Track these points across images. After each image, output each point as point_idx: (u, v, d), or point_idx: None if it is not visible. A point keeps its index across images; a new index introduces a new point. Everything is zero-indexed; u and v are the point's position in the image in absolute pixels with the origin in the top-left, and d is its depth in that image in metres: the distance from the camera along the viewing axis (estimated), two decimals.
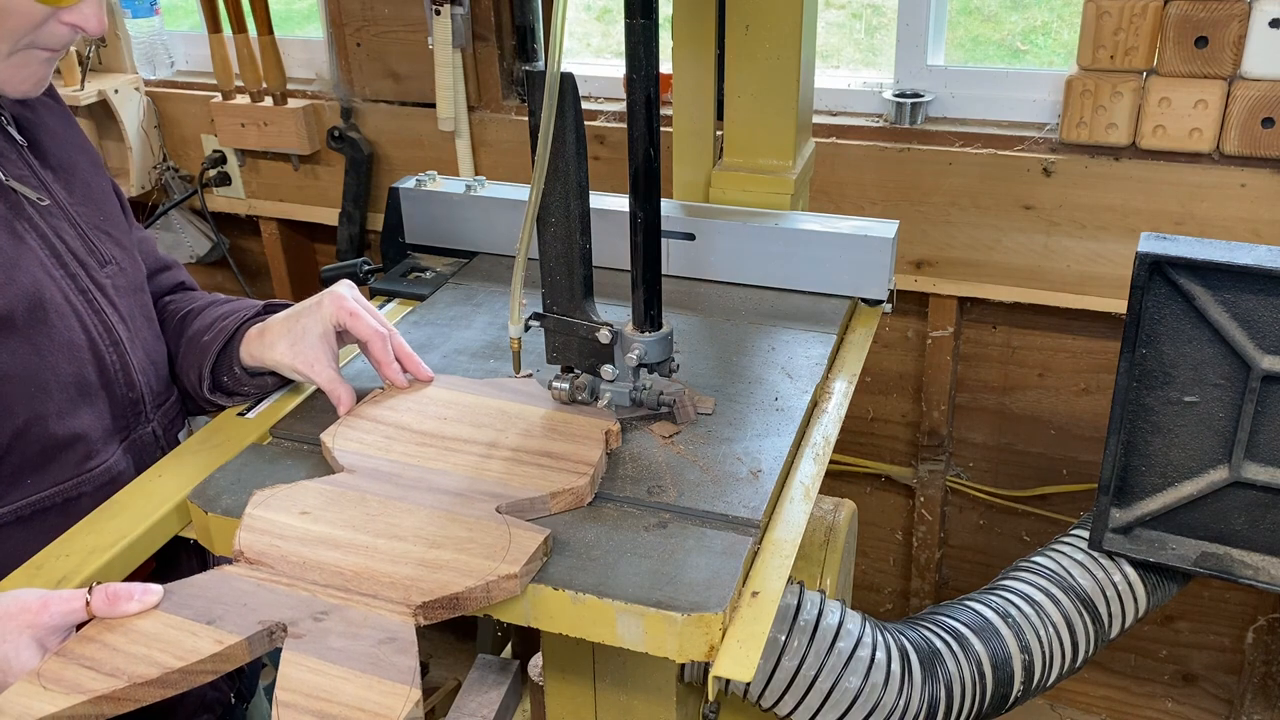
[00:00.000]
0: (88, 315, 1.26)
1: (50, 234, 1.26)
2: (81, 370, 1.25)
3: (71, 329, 1.24)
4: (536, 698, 1.48)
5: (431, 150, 2.64)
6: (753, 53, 1.63)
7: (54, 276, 1.24)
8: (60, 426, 1.22)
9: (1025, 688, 1.47)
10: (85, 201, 1.33)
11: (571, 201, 1.15)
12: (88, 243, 1.30)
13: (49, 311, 1.21)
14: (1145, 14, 1.94)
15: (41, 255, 1.23)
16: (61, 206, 1.29)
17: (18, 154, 1.27)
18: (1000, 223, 2.22)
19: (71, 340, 1.23)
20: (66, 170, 1.33)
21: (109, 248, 1.33)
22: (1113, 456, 1.47)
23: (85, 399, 1.25)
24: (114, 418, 1.30)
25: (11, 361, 1.16)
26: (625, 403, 1.24)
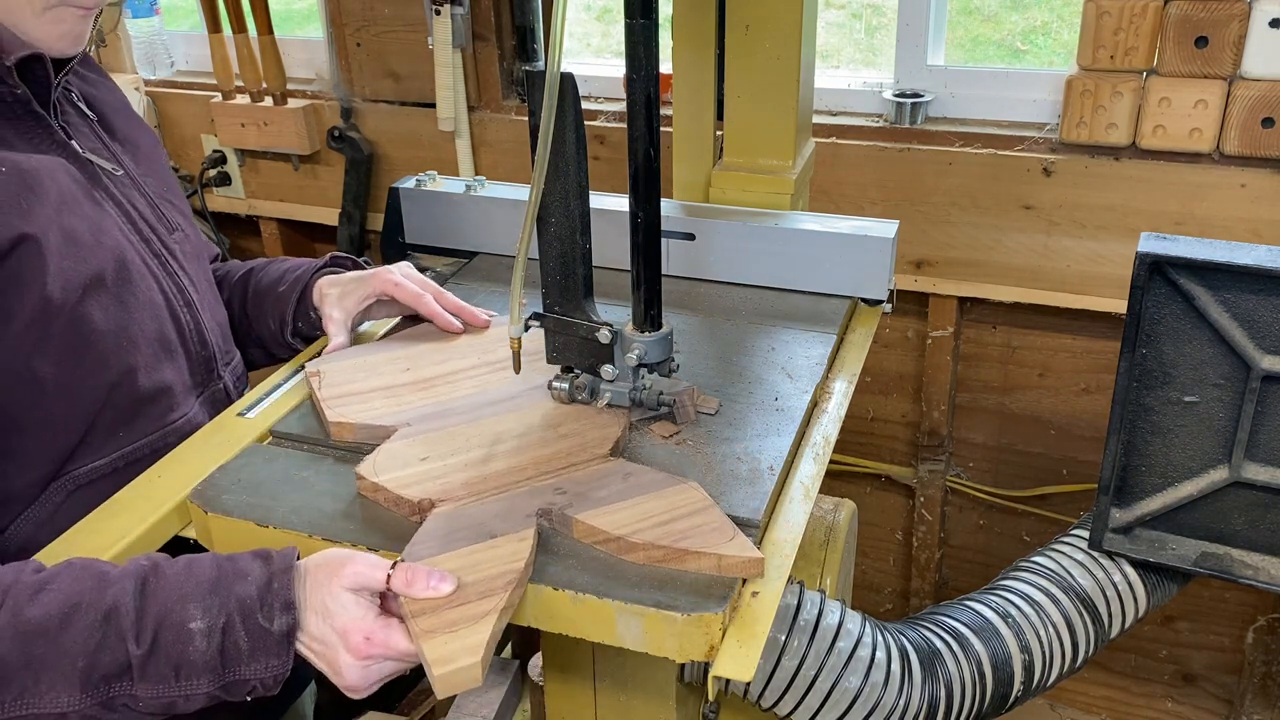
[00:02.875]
0: (163, 277, 1.34)
1: (125, 202, 1.33)
2: (162, 328, 1.31)
3: (151, 289, 1.30)
4: (536, 698, 1.48)
5: (431, 150, 2.64)
6: (753, 53, 1.63)
7: (131, 241, 1.30)
8: (148, 380, 1.28)
9: (1025, 688, 1.47)
10: (150, 173, 1.42)
11: (571, 201, 1.15)
12: (156, 210, 1.38)
13: (131, 272, 1.27)
14: (1145, 14, 1.94)
15: (119, 221, 1.30)
16: (132, 177, 1.37)
17: (89, 128, 1.35)
18: (1000, 223, 2.22)
19: (152, 299, 1.30)
20: (132, 144, 1.42)
21: (175, 215, 1.42)
22: (1113, 456, 1.47)
23: (167, 354, 1.32)
24: (191, 373, 1.36)
25: (105, 318, 1.22)
26: (625, 403, 1.24)
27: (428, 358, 1.37)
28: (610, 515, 1.07)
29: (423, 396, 1.30)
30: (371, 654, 0.97)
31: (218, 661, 0.96)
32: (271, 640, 0.97)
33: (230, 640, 0.96)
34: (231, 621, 0.96)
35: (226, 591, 0.97)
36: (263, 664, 0.97)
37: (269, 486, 1.17)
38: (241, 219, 2.97)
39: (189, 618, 0.96)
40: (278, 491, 1.16)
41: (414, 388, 1.32)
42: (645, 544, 1.03)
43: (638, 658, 1.06)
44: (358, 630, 0.97)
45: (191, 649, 0.95)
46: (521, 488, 1.13)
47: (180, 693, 0.96)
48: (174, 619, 0.96)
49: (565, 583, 1.00)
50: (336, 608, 0.98)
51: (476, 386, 1.32)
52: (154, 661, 0.95)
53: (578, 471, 1.16)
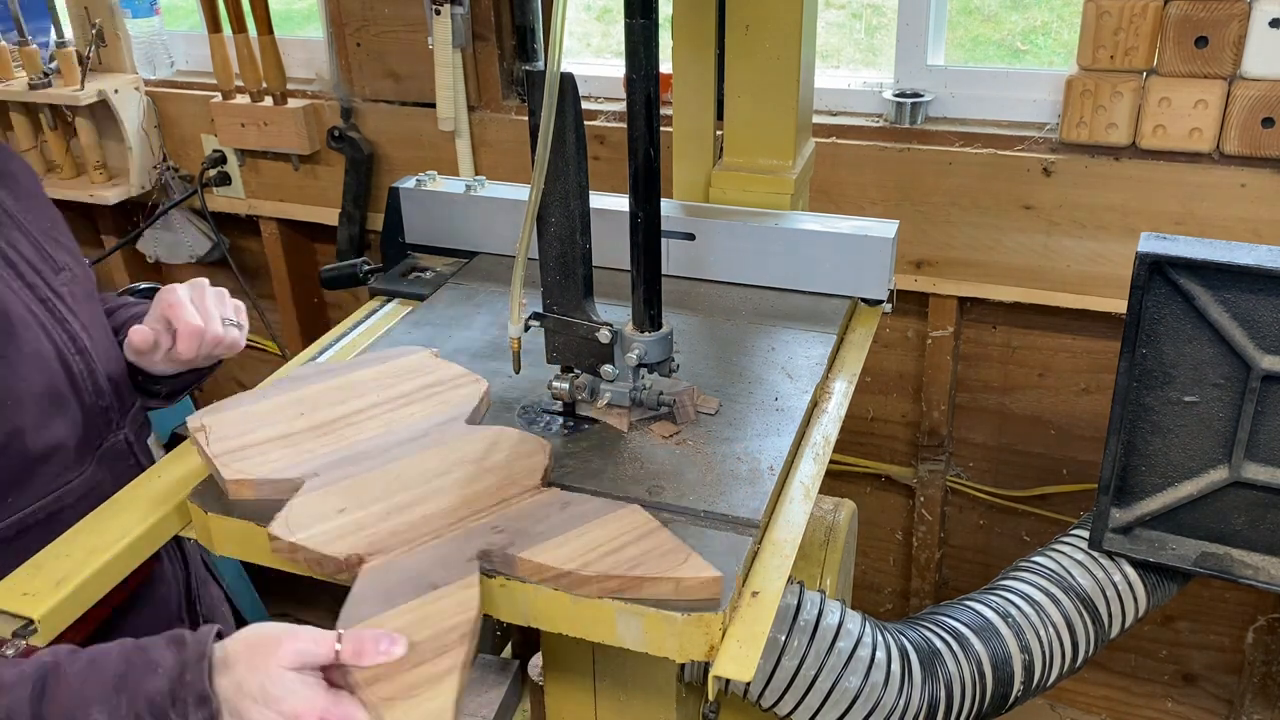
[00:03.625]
0: (51, 324, 1.24)
1: (4, 244, 1.23)
2: (52, 380, 1.22)
3: (38, 339, 1.21)
4: (536, 698, 1.48)
5: (431, 150, 2.63)
6: (753, 53, 1.63)
7: (13, 288, 1.21)
8: (37, 440, 1.20)
9: (1025, 688, 1.47)
10: (32, 209, 1.31)
11: (571, 201, 1.15)
12: (40, 250, 1.28)
13: (14, 323, 1.18)
14: (1145, 14, 1.94)
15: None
16: (11, 215, 1.26)
17: None
18: (1000, 223, 2.22)
19: (39, 350, 1.21)
20: (10, 176, 1.31)
21: (60, 254, 1.31)
22: (1113, 456, 1.47)
23: (58, 409, 1.23)
24: (86, 427, 1.27)
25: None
26: (625, 403, 1.24)
27: (322, 400, 1.27)
28: (556, 550, 1.03)
29: (325, 443, 1.20)
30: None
31: None
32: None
33: None
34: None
35: (134, 689, 0.88)
36: None
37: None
38: (241, 219, 2.97)
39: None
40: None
41: (313, 434, 1.21)
42: (599, 575, 1.00)
43: (638, 658, 1.06)
44: (310, 712, 0.88)
45: None
46: (455, 530, 1.07)
47: None
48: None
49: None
50: (281, 691, 0.88)
51: (381, 426, 1.23)
52: None
53: (511, 506, 1.10)
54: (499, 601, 1.03)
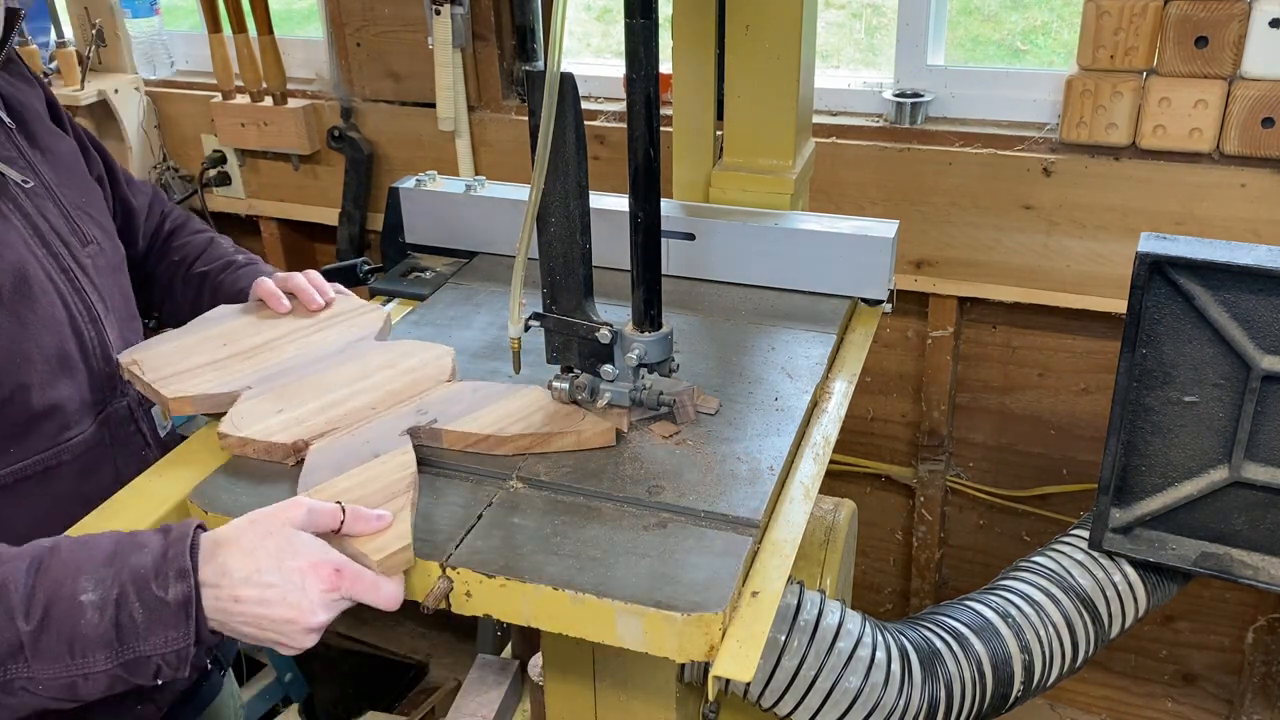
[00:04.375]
0: (68, 292, 1.31)
1: (34, 213, 1.30)
2: (62, 344, 1.29)
3: (53, 304, 1.28)
4: (536, 698, 1.48)
5: (431, 150, 2.64)
6: (753, 53, 1.63)
7: (37, 255, 1.28)
8: (41, 397, 1.26)
9: (1025, 688, 1.47)
10: (69, 183, 1.39)
11: (571, 201, 1.15)
12: (71, 223, 1.35)
13: (32, 287, 1.25)
14: (1145, 14, 1.94)
15: (25, 234, 1.28)
16: (48, 187, 1.34)
17: (6, 136, 1.32)
18: (1000, 223, 2.22)
19: (53, 315, 1.28)
20: (52, 152, 1.39)
21: (91, 229, 1.39)
22: (1113, 456, 1.47)
23: (65, 371, 1.29)
24: (91, 390, 1.34)
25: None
26: (625, 403, 1.24)
27: (241, 333, 1.42)
28: (475, 421, 1.21)
29: (251, 364, 1.35)
30: (340, 585, 0.97)
31: (113, 635, 0.93)
32: (168, 611, 0.94)
33: (125, 613, 0.93)
34: (125, 593, 0.94)
35: (121, 563, 0.95)
36: (161, 637, 0.94)
37: (269, 486, 1.17)
38: (241, 219, 2.97)
39: (80, 590, 0.93)
40: (277, 491, 1.16)
41: (239, 359, 1.36)
42: (514, 436, 1.19)
43: (638, 658, 1.06)
44: (326, 563, 0.97)
45: (84, 622, 0.92)
46: (384, 416, 1.24)
47: (78, 670, 0.93)
48: (65, 592, 0.93)
49: (565, 583, 1.00)
50: (298, 545, 0.97)
51: (299, 349, 1.39)
52: (45, 637, 0.92)
53: (429, 395, 1.28)
54: (499, 601, 1.03)
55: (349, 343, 1.40)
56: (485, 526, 1.09)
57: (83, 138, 1.49)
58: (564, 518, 1.10)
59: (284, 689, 2.71)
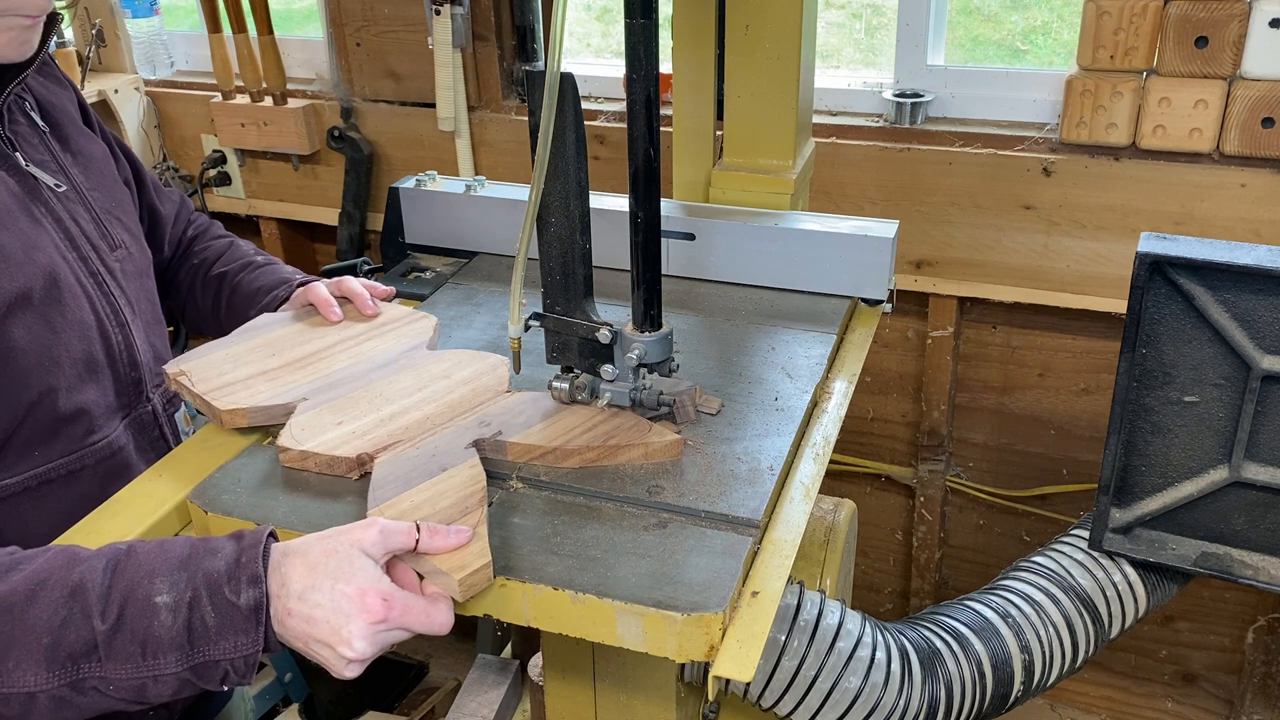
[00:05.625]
0: (97, 296, 1.32)
1: (65, 218, 1.31)
2: (90, 348, 1.30)
3: (82, 308, 1.29)
4: (536, 698, 1.48)
5: (431, 150, 2.64)
6: (753, 53, 1.63)
7: (67, 259, 1.29)
8: (68, 401, 1.26)
9: (1025, 688, 1.47)
10: (100, 187, 1.40)
11: (571, 201, 1.15)
12: (101, 227, 1.36)
13: (63, 291, 1.26)
14: (1145, 14, 1.94)
15: (56, 238, 1.28)
16: (79, 191, 1.35)
17: (40, 139, 1.33)
18: (1000, 223, 2.22)
19: (82, 319, 1.29)
20: (84, 156, 1.39)
21: (120, 233, 1.39)
22: (1113, 456, 1.47)
23: (92, 375, 1.30)
24: (117, 394, 1.34)
25: (29, 336, 1.21)
26: (625, 403, 1.23)
27: (287, 342, 1.39)
28: (539, 433, 1.19)
29: (303, 375, 1.32)
30: (389, 616, 0.95)
31: (184, 638, 0.93)
32: (239, 615, 0.94)
33: (197, 616, 0.94)
34: (198, 596, 0.94)
35: (195, 567, 0.96)
36: (231, 642, 0.94)
37: (269, 486, 1.17)
38: (241, 219, 2.97)
39: (155, 592, 0.94)
40: (277, 491, 1.16)
41: (290, 368, 1.33)
42: (579, 448, 1.16)
43: (638, 658, 1.06)
44: (375, 591, 0.95)
45: (157, 624, 0.93)
46: (446, 428, 1.21)
47: (149, 672, 0.93)
48: (140, 594, 0.94)
49: (565, 583, 1.00)
50: (353, 570, 0.95)
51: (352, 358, 1.36)
52: (120, 638, 0.93)
53: (490, 407, 1.25)
54: (499, 601, 1.03)
55: (401, 352, 1.37)
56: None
57: (111, 141, 1.50)
58: (564, 518, 1.10)
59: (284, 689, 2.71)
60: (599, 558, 1.04)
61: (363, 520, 1.01)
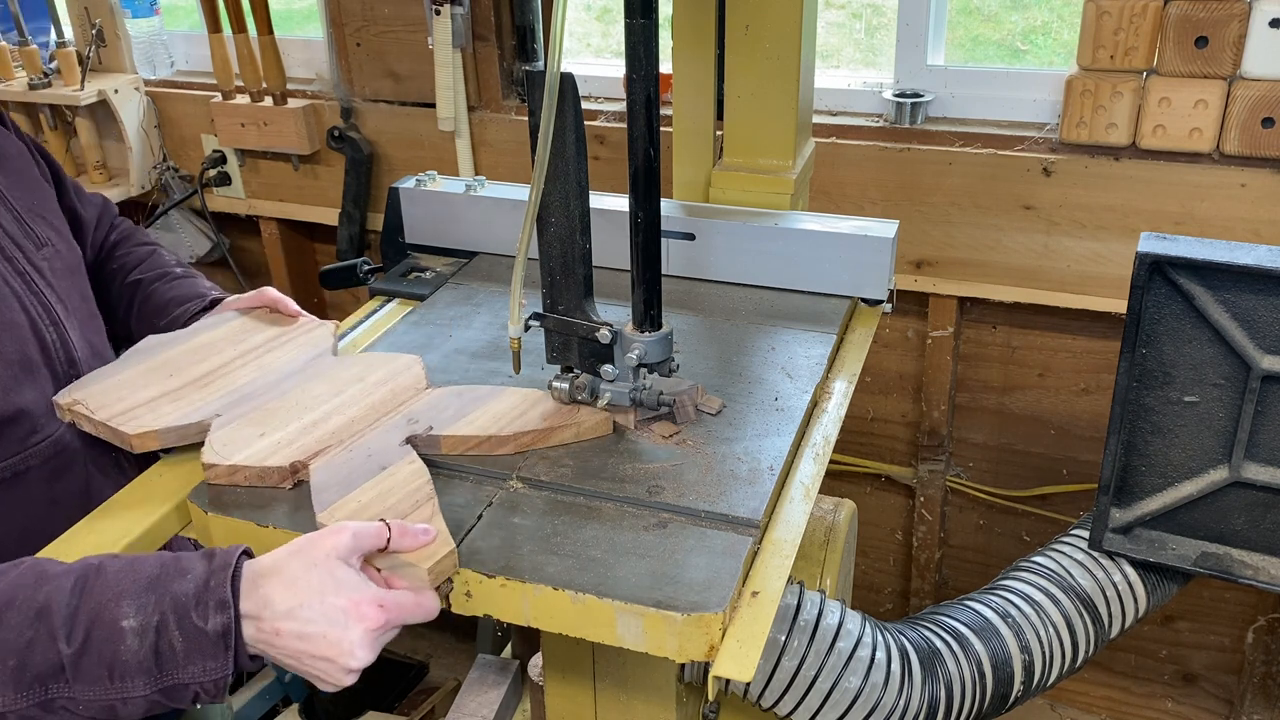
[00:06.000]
0: (26, 296, 1.31)
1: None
2: (24, 348, 1.29)
3: (12, 310, 1.28)
4: (536, 698, 1.48)
5: (431, 150, 2.63)
6: (753, 53, 1.63)
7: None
8: (6, 403, 1.25)
9: (1025, 687, 1.47)
10: (20, 185, 1.38)
11: (571, 201, 1.15)
12: (24, 226, 1.35)
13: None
14: (1145, 14, 1.94)
15: None
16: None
17: None
18: (1000, 223, 2.22)
19: (13, 320, 1.28)
20: (3, 157, 1.38)
21: (45, 230, 1.38)
22: (1113, 456, 1.47)
23: (28, 375, 1.29)
24: (56, 392, 1.33)
25: None
26: (625, 403, 1.24)
27: (182, 361, 1.35)
28: (471, 424, 1.20)
29: (209, 392, 1.29)
30: (388, 620, 0.95)
31: (152, 663, 0.92)
32: (206, 641, 0.93)
33: (164, 640, 0.93)
34: (165, 620, 0.93)
35: (163, 590, 0.94)
36: (199, 666, 0.93)
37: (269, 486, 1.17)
38: (241, 219, 2.97)
39: (121, 616, 0.93)
40: (277, 491, 1.16)
41: (193, 387, 1.30)
42: (514, 434, 1.19)
43: (638, 658, 1.06)
44: (368, 600, 0.95)
45: (123, 648, 0.92)
46: (374, 429, 1.21)
47: (117, 695, 0.93)
48: (106, 617, 0.93)
49: (565, 583, 1.00)
50: (341, 580, 0.95)
51: (255, 371, 1.34)
52: (86, 661, 0.92)
53: (413, 404, 1.25)
54: (499, 601, 1.03)
55: (306, 360, 1.36)
56: (485, 526, 1.09)
57: (28, 142, 1.48)
58: (564, 518, 1.10)
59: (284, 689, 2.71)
60: (599, 558, 1.04)
61: (332, 527, 1.00)
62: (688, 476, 1.15)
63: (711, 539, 1.06)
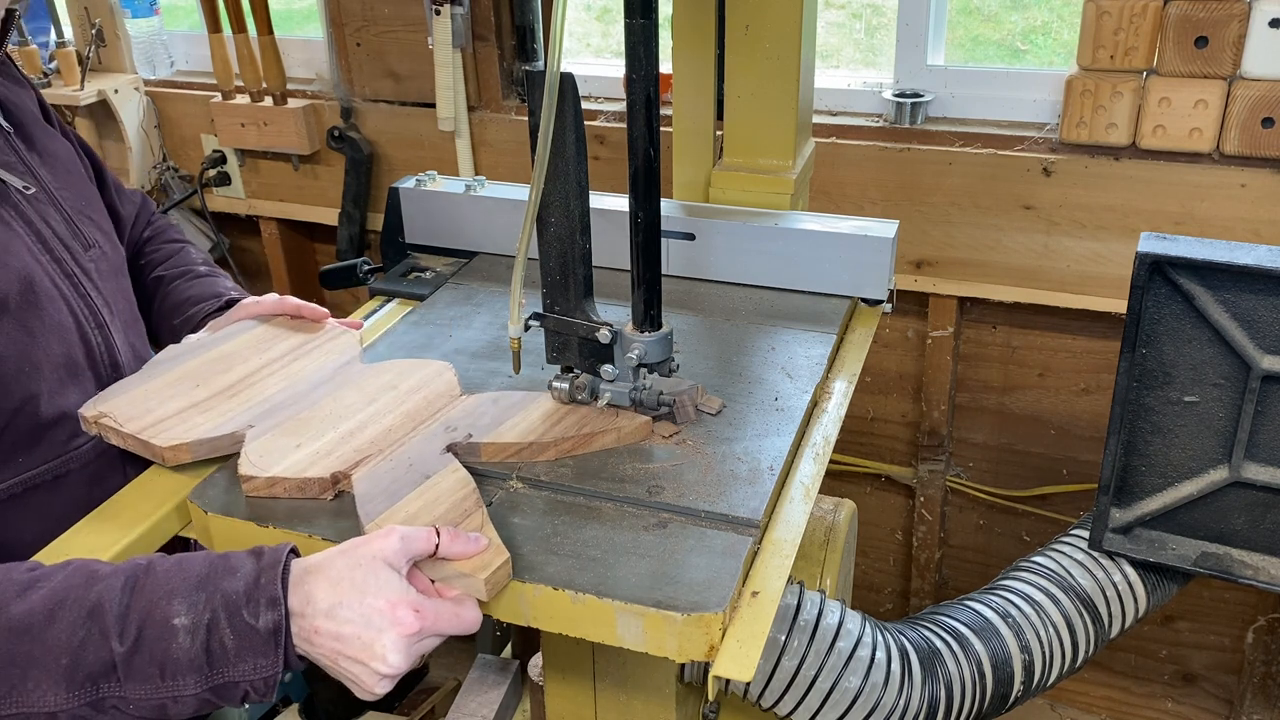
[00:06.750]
0: (74, 298, 1.30)
1: (36, 220, 1.29)
2: (70, 351, 1.28)
3: (60, 311, 1.27)
4: (536, 698, 1.48)
5: (431, 150, 2.64)
6: (753, 53, 1.63)
7: (41, 262, 1.27)
8: (50, 405, 1.25)
9: (1025, 687, 1.47)
10: (69, 186, 1.38)
11: (571, 201, 1.15)
12: (72, 227, 1.34)
13: (39, 295, 1.24)
14: (1145, 14, 1.94)
15: (28, 241, 1.27)
16: (48, 192, 1.33)
17: (4, 140, 1.31)
18: (1000, 223, 2.22)
19: (60, 322, 1.27)
20: (51, 155, 1.38)
21: (92, 232, 1.38)
22: (1113, 456, 1.47)
23: (73, 378, 1.29)
24: None
25: (7, 343, 1.20)
26: (625, 403, 1.24)
27: (207, 371, 1.32)
28: (511, 431, 1.19)
29: (239, 402, 1.26)
30: (422, 627, 0.94)
31: (203, 660, 0.93)
32: (258, 638, 0.93)
33: (215, 638, 0.93)
34: (216, 618, 0.93)
35: (213, 588, 0.94)
36: (250, 664, 0.93)
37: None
38: (241, 219, 2.98)
39: (173, 614, 0.93)
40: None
41: (222, 398, 1.27)
42: (554, 440, 1.17)
43: (638, 658, 1.06)
44: (405, 603, 0.94)
45: (175, 646, 0.92)
46: (412, 438, 1.19)
47: (168, 694, 0.93)
48: (158, 615, 0.93)
49: (565, 583, 1.00)
50: (379, 583, 0.94)
51: (284, 380, 1.31)
52: (138, 660, 0.92)
53: (450, 411, 1.24)
54: (499, 601, 1.03)
55: (335, 368, 1.34)
56: None
57: (73, 139, 1.48)
58: (564, 518, 1.10)
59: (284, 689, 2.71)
60: (599, 558, 1.04)
61: (380, 530, 0.99)
62: (688, 476, 1.15)
63: (711, 539, 1.06)
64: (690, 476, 1.15)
